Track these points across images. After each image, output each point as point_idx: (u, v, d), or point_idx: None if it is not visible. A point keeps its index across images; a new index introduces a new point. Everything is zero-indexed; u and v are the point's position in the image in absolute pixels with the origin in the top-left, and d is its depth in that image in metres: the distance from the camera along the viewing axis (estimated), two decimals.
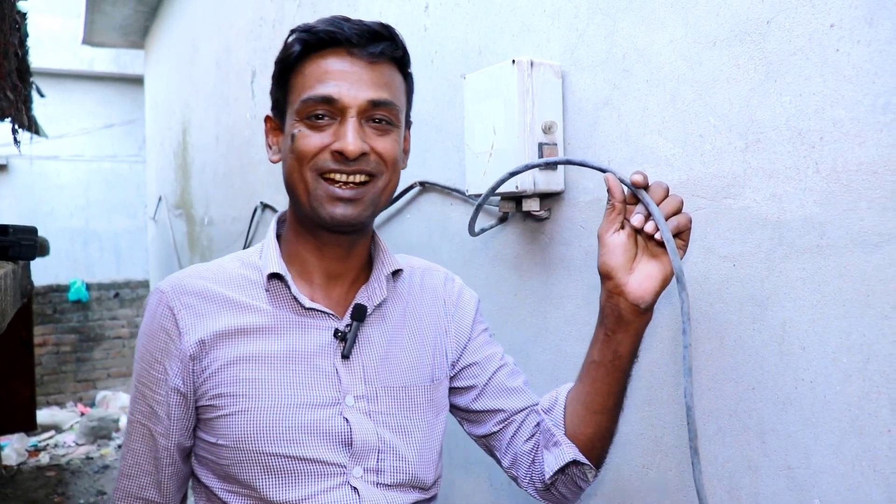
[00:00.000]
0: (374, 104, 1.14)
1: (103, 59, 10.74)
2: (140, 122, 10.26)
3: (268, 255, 1.22)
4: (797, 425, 1.11)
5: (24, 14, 4.06)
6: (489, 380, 1.32)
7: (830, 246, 1.06)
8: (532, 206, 1.53)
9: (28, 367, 5.87)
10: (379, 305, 1.25)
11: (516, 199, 1.57)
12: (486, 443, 1.34)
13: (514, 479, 1.32)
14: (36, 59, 5.53)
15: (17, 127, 4.25)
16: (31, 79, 5.01)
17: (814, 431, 1.09)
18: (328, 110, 1.14)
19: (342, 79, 1.14)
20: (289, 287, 1.19)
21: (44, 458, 7.16)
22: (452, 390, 1.33)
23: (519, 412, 1.31)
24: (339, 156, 1.13)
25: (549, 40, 1.58)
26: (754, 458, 1.18)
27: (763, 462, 1.17)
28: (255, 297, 1.20)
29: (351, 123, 1.13)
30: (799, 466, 1.11)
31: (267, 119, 1.26)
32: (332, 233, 1.19)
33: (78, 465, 6.99)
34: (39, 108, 6.02)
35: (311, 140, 1.14)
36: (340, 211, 1.14)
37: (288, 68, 1.18)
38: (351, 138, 1.12)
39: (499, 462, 1.33)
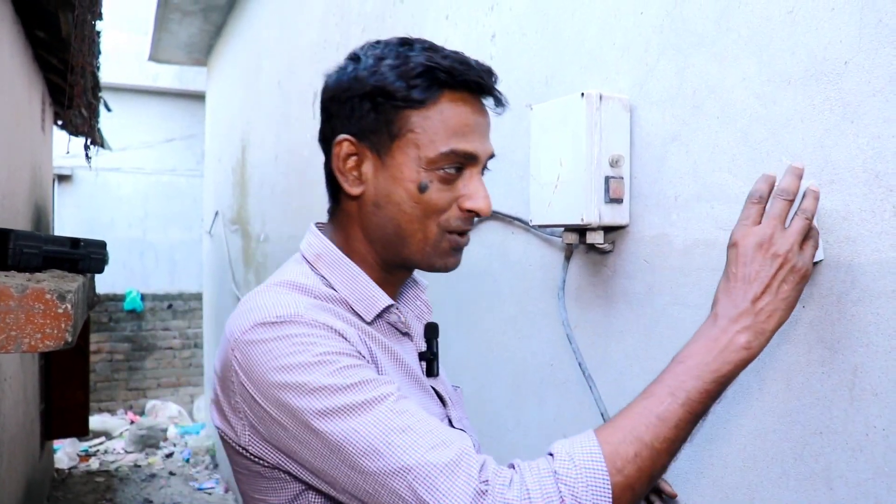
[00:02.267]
0: (490, 157, 1.14)
1: (167, 75, 11.02)
2: (199, 137, 10.50)
3: (359, 286, 1.13)
4: (868, 473, 1.09)
5: (99, 32, 4.20)
6: None
7: None
8: (596, 238, 1.53)
9: (83, 373, 6.01)
10: None
11: (580, 230, 1.57)
12: None
13: None
14: (103, 74, 5.71)
15: (89, 143, 4.38)
16: (100, 93, 5.17)
17: (886, 481, 1.06)
18: (464, 164, 1.09)
19: (478, 131, 1.10)
20: (389, 314, 1.16)
21: (94, 464, 7.31)
22: None
23: None
24: (471, 213, 1.10)
25: (618, 73, 1.58)
26: None
27: None
28: (361, 328, 1.11)
29: (479, 180, 1.11)
30: None
31: (343, 142, 1.11)
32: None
33: (126, 472, 7.12)
34: (105, 121, 6.20)
35: (445, 195, 1.08)
36: (455, 261, 1.15)
37: (407, 101, 1.06)
38: (486, 199, 1.10)
39: None
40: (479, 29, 2.13)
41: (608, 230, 1.56)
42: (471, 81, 1.08)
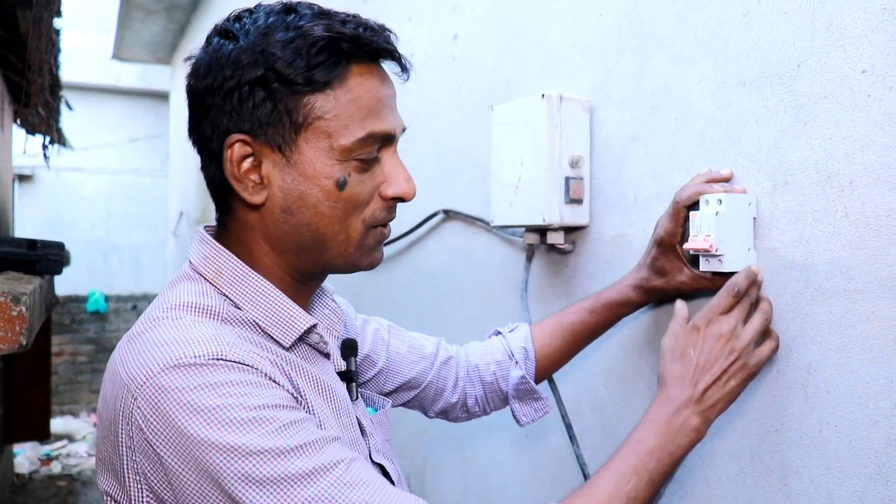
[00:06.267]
0: (403, 131, 1.00)
1: (130, 75, 10.90)
2: (164, 137, 10.39)
3: (274, 305, 0.96)
4: (821, 469, 1.11)
5: (59, 31, 4.14)
6: None
7: (858, 290, 1.06)
8: (557, 238, 1.53)
9: (44, 375, 5.90)
10: None
11: (541, 231, 1.58)
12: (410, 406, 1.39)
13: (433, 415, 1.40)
14: (65, 73, 5.62)
15: (48, 142, 4.31)
16: (61, 92, 5.09)
17: (838, 476, 1.08)
18: (381, 147, 0.96)
19: (390, 105, 0.96)
20: (310, 336, 1.00)
21: (56, 468, 7.19)
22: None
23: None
24: (395, 201, 0.98)
25: (578, 75, 1.59)
26: (776, 500, 1.18)
27: None
28: (280, 355, 0.95)
29: (398, 160, 0.98)
30: None
31: (235, 143, 0.92)
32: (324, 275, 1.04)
33: (89, 475, 7.00)
34: (66, 120, 6.11)
35: (366, 186, 0.94)
36: (380, 256, 1.01)
37: (311, 83, 0.89)
38: (409, 181, 0.97)
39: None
40: (442, 30, 2.13)
41: (569, 230, 1.57)
42: (380, 49, 0.94)
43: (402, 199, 0.98)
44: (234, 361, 0.83)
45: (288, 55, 0.88)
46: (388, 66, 0.99)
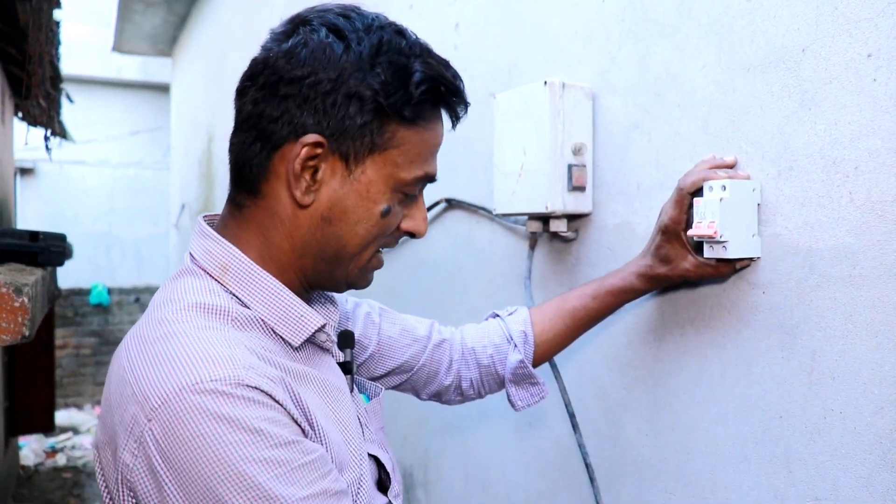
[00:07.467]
0: None
1: (131, 67, 10.89)
2: (165, 130, 10.38)
3: (283, 304, 0.94)
4: (826, 456, 1.10)
5: (58, 23, 4.13)
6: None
7: (863, 276, 1.05)
8: (559, 226, 1.53)
9: (48, 368, 5.92)
10: None
11: (544, 219, 1.57)
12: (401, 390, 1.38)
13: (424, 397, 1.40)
14: (66, 66, 5.62)
15: (49, 134, 4.31)
16: (61, 85, 5.09)
17: (843, 463, 1.08)
18: (424, 186, 1.00)
19: (438, 150, 1.01)
20: (317, 335, 1.00)
21: (61, 460, 7.21)
22: None
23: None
24: (406, 235, 1.01)
25: (581, 62, 1.58)
26: (780, 487, 1.17)
27: (790, 492, 1.16)
28: (282, 366, 0.91)
29: (422, 199, 1.01)
30: (827, 498, 1.10)
31: (311, 144, 0.90)
32: None
33: (94, 467, 7.03)
34: (68, 113, 6.10)
35: (398, 218, 0.97)
36: (371, 279, 1.04)
37: (401, 116, 0.91)
38: (426, 221, 1.01)
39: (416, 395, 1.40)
40: (443, 18, 2.12)
41: (571, 218, 1.56)
42: (464, 103, 0.98)
43: (414, 236, 1.02)
44: (252, 387, 0.80)
45: (394, 83, 0.90)
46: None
